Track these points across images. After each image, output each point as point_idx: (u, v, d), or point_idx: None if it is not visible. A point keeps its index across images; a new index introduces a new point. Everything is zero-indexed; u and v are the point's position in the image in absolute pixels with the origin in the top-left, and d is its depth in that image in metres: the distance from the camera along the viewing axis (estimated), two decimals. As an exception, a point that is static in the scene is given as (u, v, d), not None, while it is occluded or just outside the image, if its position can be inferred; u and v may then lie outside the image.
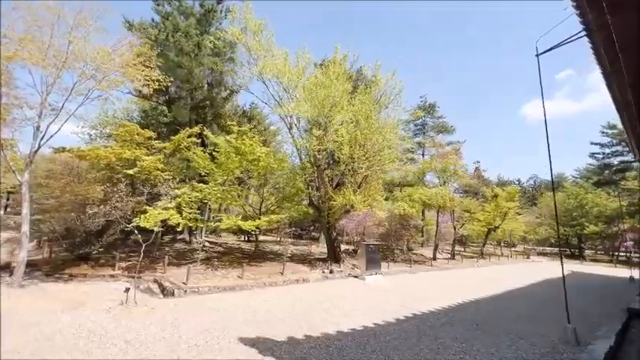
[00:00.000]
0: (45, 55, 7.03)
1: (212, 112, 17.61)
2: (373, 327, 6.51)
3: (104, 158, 9.54)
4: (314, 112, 12.69)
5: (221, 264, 12.09)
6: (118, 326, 5.51)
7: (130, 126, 10.85)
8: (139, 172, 10.20)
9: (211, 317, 6.41)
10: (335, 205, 13.18)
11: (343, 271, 13.11)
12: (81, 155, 9.46)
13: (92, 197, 9.18)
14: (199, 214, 11.96)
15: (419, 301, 9.12)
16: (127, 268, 10.51)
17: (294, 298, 8.56)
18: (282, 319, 6.67)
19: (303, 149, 14.25)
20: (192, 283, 9.32)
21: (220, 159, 13.00)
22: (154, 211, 10.26)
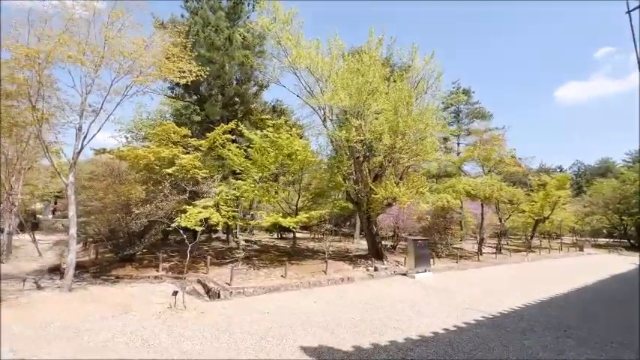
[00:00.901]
0: (83, 53, 6.79)
1: (242, 109, 17.32)
2: (444, 333, 5.74)
3: (143, 158, 9.36)
4: (351, 101, 11.93)
5: (261, 263, 11.72)
6: (171, 334, 5.13)
7: (166, 124, 10.66)
8: (177, 170, 9.97)
9: (264, 322, 5.91)
10: (376, 198, 12.40)
11: (388, 269, 12.34)
12: (121, 156, 9.35)
13: (134, 198, 9.02)
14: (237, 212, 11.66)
15: (482, 301, 8.21)
16: (170, 269, 10.36)
17: (345, 300, 7.94)
18: (339, 323, 6.07)
19: (340, 141, 13.55)
20: (237, 283, 8.96)
21: (254, 155, 12.62)
22: (193, 210, 10.00)
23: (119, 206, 9.03)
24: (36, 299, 6.43)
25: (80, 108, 7.42)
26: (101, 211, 9.44)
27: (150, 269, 10.17)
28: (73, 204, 7.18)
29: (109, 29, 6.55)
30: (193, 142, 11.15)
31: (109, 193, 8.95)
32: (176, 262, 11.28)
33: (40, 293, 6.87)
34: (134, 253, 9.76)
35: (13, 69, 5.63)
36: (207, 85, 16.10)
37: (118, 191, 8.76)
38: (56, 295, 6.74)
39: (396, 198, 12.49)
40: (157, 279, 9.27)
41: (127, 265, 10.29)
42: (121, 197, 8.83)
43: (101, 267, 10.11)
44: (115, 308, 6.23)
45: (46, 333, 4.91)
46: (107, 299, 6.80)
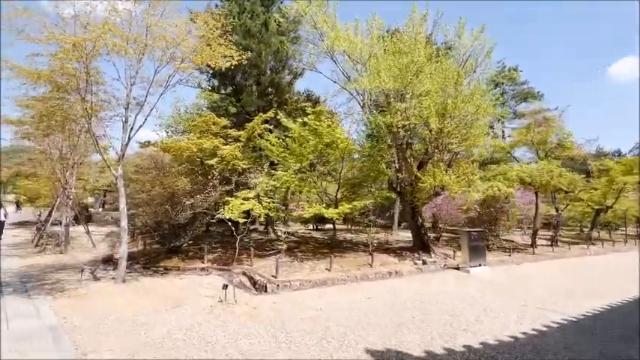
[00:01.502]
0: (127, 41, 6.65)
1: (276, 99, 17.02)
2: (525, 338, 5.02)
3: (186, 149, 9.31)
4: (395, 83, 11.12)
5: (304, 255, 11.42)
6: (226, 331, 4.88)
7: (206, 116, 10.55)
8: (219, 162, 9.83)
9: (320, 320, 5.53)
10: (423, 187, 11.59)
11: (436, 262, 11.57)
12: (165, 148, 9.36)
13: (179, 190, 9.01)
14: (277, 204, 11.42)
15: (553, 300, 7.27)
16: (214, 260, 10.36)
17: (398, 296, 7.37)
18: (400, 323, 5.54)
19: (380, 128, 12.81)
20: (282, 276, 8.69)
21: (292, 145, 12.25)
22: (236, 202, 9.87)
23: (165, 198, 9.07)
24: (93, 290, 6.52)
25: (125, 100, 7.38)
26: (148, 204, 9.55)
27: (195, 261, 10.23)
28: (123, 196, 7.20)
29: (151, 15, 6.34)
30: (233, 133, 10.98)
31: (155, 185, 8.99)
32: (219, 253, 11.30)
33: (97, 284, 6.99)
34: (180, 245, 9.81)
35: (62, 60, 5.60)
36: (242, 76, 15.93)
37: (164, 183, 8.77)
38: (111, 287, 6.82)
39: (445, 187, 11.61)
40: (204, 271, 9.25)
41: (174, 256, 10.42)
42: (167, 189, 8.83)
43: (149, 258, 10.32)
44: (167, 301, 6.15)
45: (105, 326, 4.85)
46: (159, 292, 6.76)
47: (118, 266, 7.15)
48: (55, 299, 6.08)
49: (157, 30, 6.58)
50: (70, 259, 10.84)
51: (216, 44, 7.13)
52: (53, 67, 5.70)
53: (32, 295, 6.30)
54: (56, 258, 10.75)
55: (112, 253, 11.74)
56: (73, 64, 5.70)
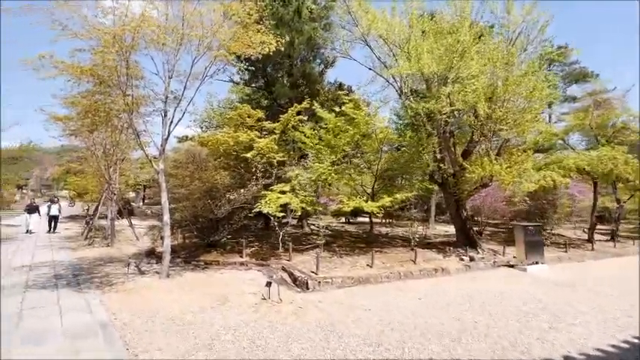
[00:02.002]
0: (164, 33, 6.48)
1: (308, 90, 16.62)
2: (618, 353, 4.29)
3: (223, 143, 9.19)
4: (439, 65, 10.28)
5: (342, 250, 11.04)
6: (275, 332, 4.60)
7: (241, 108, 10.37)
8: (254, 155, 9.62)
9: (372, 324, 5.11)
10: (470, 178, 10.73)
11: (485, 259, 10.72)
12: (202, 142, 9.29)
13: (218, 184, 8.91)
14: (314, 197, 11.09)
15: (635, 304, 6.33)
16: (252, 255, 10.25)
17: (451, 297, 6.77)
18: (462, 328, 4.98)
19: (420, 116, 12.03)
20: (323, 272, 8.36)
21: (326, 136, 11.81)
22: (273, 195, 9.65)
23: (203, 193, 9.02)
24: (140, 285, 6.55)
25: (164, 94, 7.28)
26: (187, 198, 9.57)
27: (234, 255, 10.18)
28: (165, 191, 7.15)
29: (188, 1, 6.11)
30: (267, 126, 10.73)
31: (194, 180, 8.96)
32: (256, 247, 11.20)
33: (143, 279, 7.04)
34: (219, 239, 9.78)
35: (103, 53, 5.53)
36: (273, 67, 15.68)
37: (202, 178, 8.71)
38: (156, 282, 6.83)
39: (495, 177, 10.67)
40: (243, 265, 9.14)
41: (213, 250, 10.44)
42: (205, 184, 8.77)
43: (190, 252, 10.41)
44: (211, 298, 6.01)
45: (154, 324, 4.74)
46: (202, 287, 6.66)
47: (162, 261, 7.15)
48: (104, 293, 6.15)
49: (193, 18, 6.35)
50: (116, 251, 11.22)
51: (253, 30, 6.80)
52: (95, 62, 5.67)
53: (83, 288, 6.42)
54: (104, 251, 11.17)
55: (154, 246, 12.04)
56: (113, 56, 5.62)
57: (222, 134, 9.39)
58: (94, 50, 5.55)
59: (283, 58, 14.00)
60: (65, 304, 5.52)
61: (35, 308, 5.20)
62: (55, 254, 10.25)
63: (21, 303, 5.43)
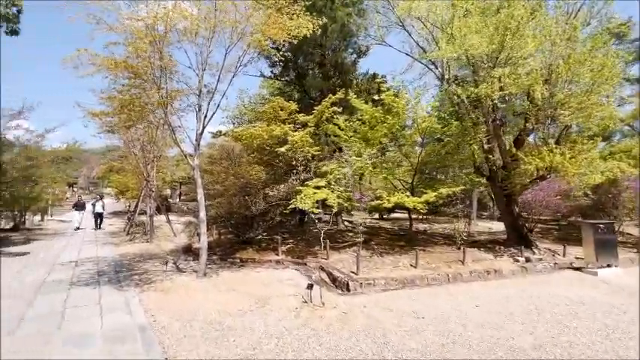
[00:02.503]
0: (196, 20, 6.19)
1: (340, 81, 16.00)
2: None
3: (257, 137, 8.88)
4: (490, 45, 9.24)
5: (381, 248, 10.42)
6: (321, 343, 4.15)
7: (274, 101, 10.01)
8: (289, 149, 9.24)
9: (429, 335, 4.50)
10: (525, 170, 9.65)
11: (543, 260, 9.62)
12: (236, 136, 9.04)
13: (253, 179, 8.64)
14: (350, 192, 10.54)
15: None
16: (288, 252, 9.93)
17: (513, 303, 5.96)
18: (538, 344, 4.24)
19: (464, 102, 11.02)
20: (364, 272, 7.83)
21: (362, 129, 11.18)
22: (308, 191, 9.23)
23: (238, 189, 8.79)
24: (177, 284, 6.39)
25: (198, 87, 7.06)
26: (222, 194, 9.41)
27: (269, 252, 9.92)
28: (200, 187, 6.95)
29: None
30: (301, 118, 10.30)
31: (229, 176, 8.75)
32: (291, 245, 10.87)
33: (180, 277, 6.90)
34: (254, 237, 9.54)
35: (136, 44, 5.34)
36: (304, 59, 15.23)
37: (238, 173, 8.46)
38: (193, 281, 6.65)
39: (555, 168, 9.50)
40: (279, 264, 8.83)
41: (248, 247, 10.25)
42: (241, 179, 8.52)
43: (225, 249, 10.30)
44: (250, 299, 5.69)
45: (192, 329, 4.47)
46: (240, 287, 6.38)
47: (199, 259, 6.99)
48: (142, 292, 6.04)
49: (226, 4, 6.00)
50: (155, 247, 11.40)
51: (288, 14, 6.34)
52: (129, 54, 5.50)
53: (123, 286, 6.38)
54: (143, 247, 11.39)
55: (191, 242, 12.13)
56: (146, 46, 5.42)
57: (255, 128, 9.09)
58: (127, 42, 5.39)
59: (315, 48, 13.48)
60: (106, 302, 5.44)
61: (77, 307, 5.15)
62: (99, 250, 10.56)
63: (65, 301, 5.42)
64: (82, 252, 10.07)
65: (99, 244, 11.73)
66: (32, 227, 16.95)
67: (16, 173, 13.01)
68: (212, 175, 9.73)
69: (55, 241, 12.59)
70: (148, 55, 5.47)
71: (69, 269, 7.74)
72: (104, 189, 38.31)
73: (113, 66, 5.47)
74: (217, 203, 9.51)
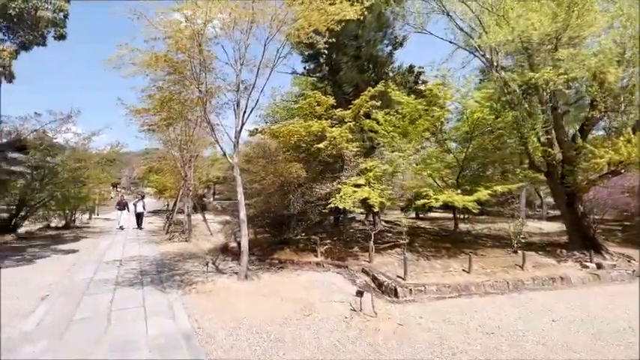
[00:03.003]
0: (236, 14, 5.90)
1: (374, 75, 15.33)
2: None
3: (294, 134, 8.53)
4: (551, 24, 8.22)
5: (427, 251, 9.72)
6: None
7: (311, 96, 9.60)
8: (327, 145, 8.80)
9: (504, 354, 3.85)
10: (595, 164, 8.51)
11: (618, 266, 8.45)
12: (274, 133, 8.75)
13: (292, 177, 8.30)
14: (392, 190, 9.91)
15: None
16: (327, 254, 9.50)
17: (599, 320, 5.09)
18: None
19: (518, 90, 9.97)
20: (412, 277, 7.22)
21: (401, 123, 10.51)
22: (348, 189, 8.74)
23: (277, 187, 8.49)
24: (219, 287, 6.18)
25: (236, 82, 6.81)
26: (259, 193, 9.17)
27: (307, 254, 9.56)
28: (240, 186, 6.70)
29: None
30: (338, 113, 9.82)
31: (269, 173, 8.48)
32: (329, 245, 10.42)
33: (221, 279, 6.70)
34: (293, 237, 9.22)
35: (176, 37, 5.15)
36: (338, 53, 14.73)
37: (276, 171, 8.16)
38: (235, 284, 6.41)
39: (632, 162, 8.28)
40: (319, 266, 8.43)
41: (285, 247, 9.96)
42: (279, 177, 8.21)
43: (262, 249, 10.08)
44: (295, 305, 5.32)
45: (239, 339, 4.17)
46: (282, 292, 6.05)
47: (239, 260, 6.75)
48: (185, 294, 5.88)
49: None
50: (193, 246, 11.47)
51: (329, 0, 5.89)
52: (169, 48, 5.33)
53: (166, 287, 6.27)
54: (182, 246, 11.50)
55: (227, 242, 12.10)
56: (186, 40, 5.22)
57: (293, 125, 8.74)
58: (167, 34, 5.20)
59: (350, 41, 12.93)
60: (150, 304, 5.31)
61: (123, 310, 5.05)
62: (141, 249, 10.77)
63: (110, 302, 5.35)
64: (125, 251, 10.31)
65: (141, 243, 12.01)
66: (81, 225, 17.94)
67: (66, 174, 13.70)
68: (249, 174, 9.52)
69: (101, 239, 13.10)
70: (187, 47, 5.26)
71: (114, 268, 7.84)
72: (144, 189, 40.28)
73: (154, 61, 5.33)
74: (254, 202, 9.29)
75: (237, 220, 12.82)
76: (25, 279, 6.76)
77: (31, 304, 5.28)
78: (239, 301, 5.47)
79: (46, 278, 6.89)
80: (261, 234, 11.30)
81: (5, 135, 13.12)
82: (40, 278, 6.88)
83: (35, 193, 13.20)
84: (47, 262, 8.58)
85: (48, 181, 13.30)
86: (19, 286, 6.23)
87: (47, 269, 7.76)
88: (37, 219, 15.15)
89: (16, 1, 7.08)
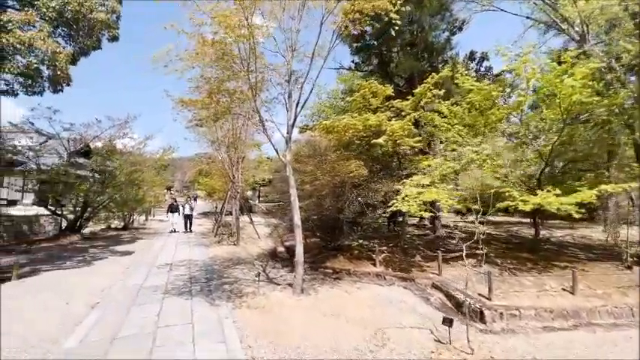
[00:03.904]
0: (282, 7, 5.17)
1: (428, 64, 13.92)
2: None
3: (351, 128, 7.61)
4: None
5: (506, 262, 8.22)
6: None
7: (366, 86, 8.61)
8: (387, 140, 7.76)
9: None
10: None
11: None
12: (327, 129, 7.91)
13: (350, 177, 7.40)
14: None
15: None
16: (386, 263, 8.44)
17: None
18: None
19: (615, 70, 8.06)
20: (497, 296, 5.90)
21: (467, 114, 9.09)
22: (412, 191, 7.60)
23: (331, 189, 7.64)
24: (272, 301, 5.44)
25: (287, 70, 6.07)
26: (310, 195, 8.37)
27: (364, 262, 8.57)
28: (294, 187, 5.95)
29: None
30: (397, 105, 8.71)
31: (325, 173, 7.67)
32: (386, 253, 9.34)
33: (274, 292, 5.98)
34: (349, 244, 8.30)
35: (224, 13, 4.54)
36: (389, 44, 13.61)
37: (335, 169, 7.32)
38: (290, 298, 5.64)
39: None
40: (380, 278, 7.39)
41: (338, 255, 9.07)
42: (335, 177, 7.35)
43: (313, 256, 9.29)
44: (363, 331, 4.38)
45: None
46: (345, 311, 5.13)
47: (294, 270, 5.98)
48: (235, 308, 5.23)
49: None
50: (242, 250, 11.07)
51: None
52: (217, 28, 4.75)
53: (215, 298, 5.70)
54: (231, 249, 11.16)
55: (276, 246, 11.56)
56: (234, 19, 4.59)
57: (349, 118, 7.83)
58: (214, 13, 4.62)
59: (404, 26, 11.75)
60: (198, 320, 4.72)
61: (169, 327, 4.49)
62: (191, 252, 10.59)
63: (157, 316, 4.86)
64: (176, 254, 10.17)
65: (191, 245, 11.92)
66: (138, 227, 18.76)
67: (123, 178, 14.22)
68: (299, 174, 8.80)
69: (155, 240, 13.32)
70: (236, 26, 4.62)
71: (164, 273, 7.55)
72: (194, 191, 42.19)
73: (201, 45, 4.79)
74: (305, 205, 8.53)
75: (284, 223, 12.29)
76: (81, 283, 6.65)
77: (81, 312, 4.98)
78: (296, 322, 4.66)
79: (101, 282, 6.74)
80: (310, 237, 10.56)
81: (72, 141, 13.93)
82: (95, 281, 6.75)
83: (97, 196, 13.83)
84: (104, 264, 8.60)
85: (107, 184, 13.88)
86: (73, 290, 6.07)
87: (103, 272, 7.70)
88: (100, 220, 15.98)
89: (72, 4, 7.06)
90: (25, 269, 7.69)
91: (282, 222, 10.98)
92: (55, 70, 6.96)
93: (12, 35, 6.10)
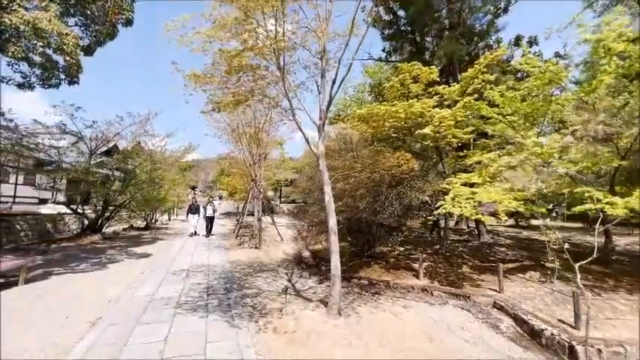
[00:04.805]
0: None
1: (469, 49, 12.56)
2: None
3: (391, 116, 6.49)
4: None
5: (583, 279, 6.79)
6: None
7: (406, 69, 7.43)
8: (433, 131, 6.58)
9: None
10: None
11: None
12: (363, 118, 6.84)
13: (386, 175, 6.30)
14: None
15: None
16: (429, 275, 7.25)
17: None
18: None
19: None
20: (590, 327, 4.59)
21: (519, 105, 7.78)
22: (464, 191, 6.42)
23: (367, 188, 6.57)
24: (304, 326, 4.44)
25: (320, 45, 5.06)
26: (341, 195, 7.32)
27: (403, 272, 7.43)
28: (328, 184, 4.93)
29: None
30: (441, 90, 7.50)
31: (365, 168, 6.60)
32: (428, 262, 8.14)
33: (305, 311, 4.98)
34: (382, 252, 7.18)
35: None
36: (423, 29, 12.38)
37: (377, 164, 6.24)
38: (324, 321, 4.61)
39: None
40: (427, 293, 6.23)
41: (372, 263, 7.98)
42: (373, 174, 6.28)
43: (344, 263, 8.19)
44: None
45: None
46: (396, 342, 4.05)
47: (330, 287, 4.99)
48: (258, 331, 4.29)
49: None
50: (264, 255, 10.20)
51: None
52: None
53: (234, 316, 4.78)
54: (252, 253, 10.32)
55: (300, 250, 10.63)
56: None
57: (388, 105, 6.73)
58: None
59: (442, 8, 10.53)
60: (213, 350, 3.80)
61: (180, 357, 3.59)
62: (210, 255, 9.83)
63: (165, 341, 3.98)
64: (195, 257, 9.43)
65: (211, 248, 11.19)
66: (160, 227, 18.42)
67: (144, 176, 13.78)
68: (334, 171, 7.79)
69: (175, 241, 12.74)
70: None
71: (179, 282, 6.76)
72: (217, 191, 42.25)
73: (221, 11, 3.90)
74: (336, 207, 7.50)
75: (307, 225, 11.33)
76: (89, 291, 5.97)
77: (76, 333, 4.19)
78: (334, 352, 3.63)
79: (110, 290, 6.03)
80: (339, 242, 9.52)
81: (94, 140, 13.64)
82: (104, 289, 6.05)
83: (117, 195, 13.46)
84: (118, 268, 7.97)
85: (128, 182, 13.48)
86: (78, 301, 5.37)
87: (115, 277, 7.03)
88: (122, 220, 15.69)
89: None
90: (37, 272, 7.17)
91: (304, 223, 10.03)
92: (63, 56, 6.31)
93: (15, 15, 5.48)
